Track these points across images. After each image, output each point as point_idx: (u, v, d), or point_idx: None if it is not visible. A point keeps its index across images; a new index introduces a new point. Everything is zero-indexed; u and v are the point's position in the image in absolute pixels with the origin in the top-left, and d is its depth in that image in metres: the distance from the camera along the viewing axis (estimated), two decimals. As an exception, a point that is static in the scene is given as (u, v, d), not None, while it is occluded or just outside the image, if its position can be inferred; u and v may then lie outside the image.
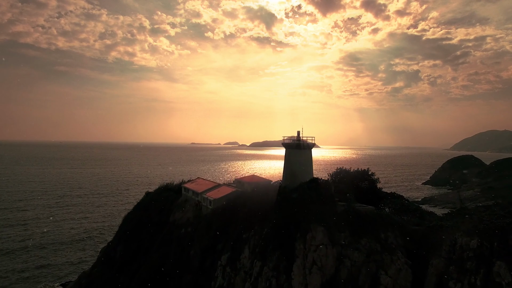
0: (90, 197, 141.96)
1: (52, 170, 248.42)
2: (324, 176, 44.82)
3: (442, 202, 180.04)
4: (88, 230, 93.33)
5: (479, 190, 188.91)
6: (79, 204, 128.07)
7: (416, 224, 32.50)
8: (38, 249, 76.02)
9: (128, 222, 53.31)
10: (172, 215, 46.07)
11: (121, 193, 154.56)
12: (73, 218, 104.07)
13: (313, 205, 30.42)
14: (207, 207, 45.77)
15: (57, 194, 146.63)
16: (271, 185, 54.49)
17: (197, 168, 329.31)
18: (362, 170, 47.80)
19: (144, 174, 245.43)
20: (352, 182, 46.20)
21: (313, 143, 37.68)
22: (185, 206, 48.02)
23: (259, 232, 31.66)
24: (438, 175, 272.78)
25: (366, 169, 47.87)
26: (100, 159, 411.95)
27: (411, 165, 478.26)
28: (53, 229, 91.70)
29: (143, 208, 53.17)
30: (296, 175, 35.22)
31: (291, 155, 36.91)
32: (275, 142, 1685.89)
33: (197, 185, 54.97)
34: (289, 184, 35.14)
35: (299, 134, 37.79)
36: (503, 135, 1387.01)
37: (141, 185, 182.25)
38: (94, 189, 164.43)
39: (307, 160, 36.69)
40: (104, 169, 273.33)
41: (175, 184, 58.97)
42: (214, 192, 47.52)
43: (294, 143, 36.93)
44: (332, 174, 49.45)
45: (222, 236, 35.33)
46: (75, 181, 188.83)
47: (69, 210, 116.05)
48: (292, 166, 36.08)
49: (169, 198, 53.24)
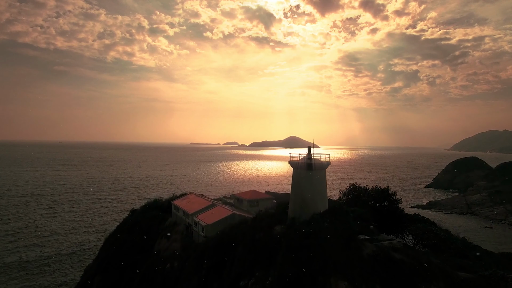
0: (84, 203, 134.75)
1: (47, 172, 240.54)
2: (334, 194, 37.91)
3: (448, 207, 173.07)
4: (76, 244, 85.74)
5: (486, 194, 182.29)
6: (70, 211, 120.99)
7: (462, 267, 25.51)
8: (18, 266, 68.93)
9: (109, 246, 46.17)
10: (158, 243, 39.05)
11: (115, 199, 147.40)
12: (60, 232, 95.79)
13: (331, 248, 23.34)
14: (199, 233, 38.78)
15: (49, 199, 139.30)
16: (273, 204, 47.47)
17: (196, 169, 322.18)
18: (380, 188, 40.76)
19: (142, 176, 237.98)
20: (369, 202, 39.32)
21: (328, 162, 30.35)
22: (173, 230, 40.95)
23: (262, 279, 24.63)
24: (442, 178, 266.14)
25: (386, 187, 40.87)
26: (98, 160, 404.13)
27: (412, 166, 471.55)
28: (39, 243, 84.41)
29: (127, 230, 46.03)
30: (307, 203, 28.08)
31: (300, 178, 29.44)
32: (274, 142, 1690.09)
33: (189, 203, 47.91)
34: (299, 215, 28.08)
35: (310, 150, 30.45)
36: (503, 135, 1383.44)
37: (137, 189, 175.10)
38: (88, 193, 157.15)
39: (321, 184, 29.40)
40: (101, 171, 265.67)
41: (164, 200, 51.89)
42: (208, 214, 40.49)
43: (304, 162, 29.52)
44: (344, 193, 42.47)
45: (215, 279, 28.28)
46: (70, 184, 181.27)
47: (59, 219, 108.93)
48: (302, 192, 28.65)
49: (156, 218, 46.15)
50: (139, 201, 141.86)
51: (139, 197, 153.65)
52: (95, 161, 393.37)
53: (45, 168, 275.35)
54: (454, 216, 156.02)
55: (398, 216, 38.51)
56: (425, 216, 42.58)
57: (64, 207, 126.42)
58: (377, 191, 40.28)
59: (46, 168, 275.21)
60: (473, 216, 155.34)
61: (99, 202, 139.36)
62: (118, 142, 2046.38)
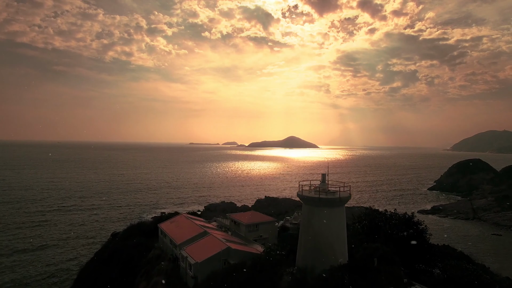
0: (74, 213, 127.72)
1: (42, 174, 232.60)
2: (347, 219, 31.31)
3: (454, 212, 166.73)
4: (52, 264, 76.75)
5: (493, 199, 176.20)
6: (56, 221, 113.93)
7: None
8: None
9: (84, 278, 39.54)
10: (138, 283, 32.45)
11: (108, 208, 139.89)
12: (33, 248, 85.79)
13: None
14: (187, 270, 32.17)
15: (38, 206, 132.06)
16: (276, 229, 40.95)
17: (195, 170, 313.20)
18: (403, 215, 34.10)
19: (139, 179, 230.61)
20: (390, 231, 32.82)
21: (348, 195, 23.33)
22: (157, 265, 34.31)
23: None
24: (445, 180, 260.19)
25: (410, 214, 34.29)
26: (96, 161, 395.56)
27: (413, 167, 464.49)
28: (20, 263, 76.37)
29: (104, 260, 39.42)
30: (322, 251, 21.44)
31: (313, 216, 22.28)
32: (273, 142, 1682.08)
33: (177, 227, 41.24)
34: (311, 265, 21.44)
35: (324, 179, 23.61)
36: (503, 135, 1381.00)
37: (132, 193, 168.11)
38: (81, 199, 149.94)
39: (340, 226, 22.50)
40: (99, 173, 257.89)
41: (150, 223, 45.22)
42: (198, 247, 33.82)
43: (318, 198, 22.46)
44: (359, 219, 35.87)
45: None
46: (63, 188, 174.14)
47: (40, 232, 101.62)
48: (316, 235, 21.75)
49: (139, 246, 39.55)
50: (129, 210, 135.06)
51: (134, 204, 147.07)
52: (92, 162, 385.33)
53: (40, 170, 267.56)
54: (460, 222, 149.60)
55: (426, 249, 32.04)
56: (455, 248, 36.02)
57: (52, 216, 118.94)
58: (399, 218, 33.68)
59: (41, 171, 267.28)
60: (480, 222, 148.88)
61: (87, 211, 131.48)
62: (117, 142, 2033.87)
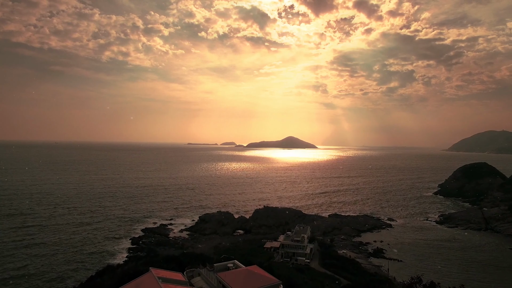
0: (64, 217, 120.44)
1: (36, 176, 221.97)
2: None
3: (464, 221, 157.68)
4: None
5: (506, 208, 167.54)
6: (45, 231, 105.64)
7: None
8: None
9: None
10: None
11: (102, 219, 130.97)
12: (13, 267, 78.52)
13: None
14: None
15: (25, 211, 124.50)
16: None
17: (192, 173, 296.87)
18: None
19: (136, 183, 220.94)
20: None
21: None
22: None
23: None
24: (450, 185, 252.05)
25: None
26: (94, 162, 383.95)
27: (414, 168, 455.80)
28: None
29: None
30: None
31: None
32: (272, 142, 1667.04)
33: None
34: None
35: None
36: (501, 135, 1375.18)
37: (125, 199, 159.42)
38: (71, 209, 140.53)
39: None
40: (96, 175, 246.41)
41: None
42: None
43: None
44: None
45: None
46: (58, 192, 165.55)
47: (32, 240, 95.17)
48: None
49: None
50: (121, 221, 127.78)
51: (128, 211, 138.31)
52: (90, 164, 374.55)
53: (34, 173, 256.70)
54: (472, 233, 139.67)
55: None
56: None
57: (36, 232, 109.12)
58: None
59: (34, 173, 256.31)
60: (493, 234, 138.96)
61: (75, 224, 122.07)
62: (116, 142, 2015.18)
